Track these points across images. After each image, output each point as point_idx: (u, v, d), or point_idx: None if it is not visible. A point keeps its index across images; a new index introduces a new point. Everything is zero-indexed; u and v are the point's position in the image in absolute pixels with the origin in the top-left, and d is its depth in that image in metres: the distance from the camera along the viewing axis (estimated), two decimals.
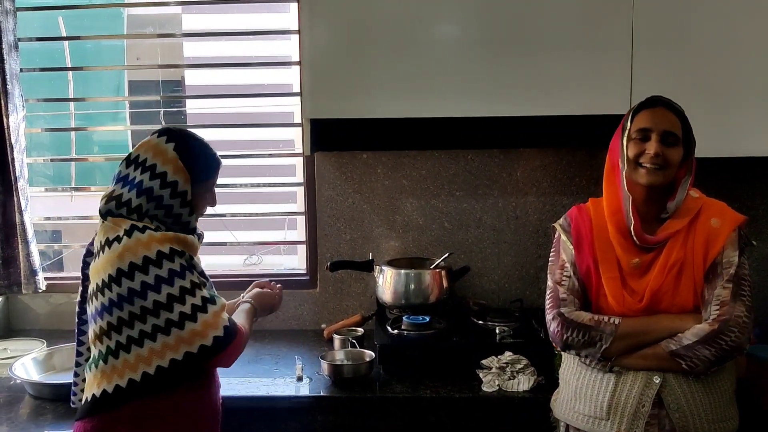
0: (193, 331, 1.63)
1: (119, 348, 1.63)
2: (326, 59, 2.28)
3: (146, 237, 1.65)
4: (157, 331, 1.62)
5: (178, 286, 1.64)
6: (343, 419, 2.10)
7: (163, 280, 1.63)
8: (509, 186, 2.70)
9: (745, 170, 2.62)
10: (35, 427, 1.92)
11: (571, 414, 1.82)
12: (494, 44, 2.25)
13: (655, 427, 1.70)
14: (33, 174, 2.86)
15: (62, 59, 3.57)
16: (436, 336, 2.32)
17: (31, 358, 2.30)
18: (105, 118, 4.82)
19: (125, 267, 1.62)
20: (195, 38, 5.86)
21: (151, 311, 1.62)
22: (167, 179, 1.71)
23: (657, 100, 1.81)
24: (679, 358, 1.67)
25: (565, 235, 1.88)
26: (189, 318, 1.63)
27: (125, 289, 1.61)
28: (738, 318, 1.66)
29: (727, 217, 1.77)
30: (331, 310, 2.78)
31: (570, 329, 1.76)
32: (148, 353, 1.62)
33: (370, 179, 2.72)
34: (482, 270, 2.73)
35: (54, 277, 2.88)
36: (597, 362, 1.75)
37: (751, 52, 2.21)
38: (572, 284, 1.83)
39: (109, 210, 1.71)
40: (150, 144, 1.75)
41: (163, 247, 1.65)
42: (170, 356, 1.62)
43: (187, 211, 1.75)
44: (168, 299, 1.62)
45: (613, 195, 1.83)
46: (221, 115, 4.89)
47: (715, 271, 1.72)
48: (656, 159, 1.73)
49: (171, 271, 1.64)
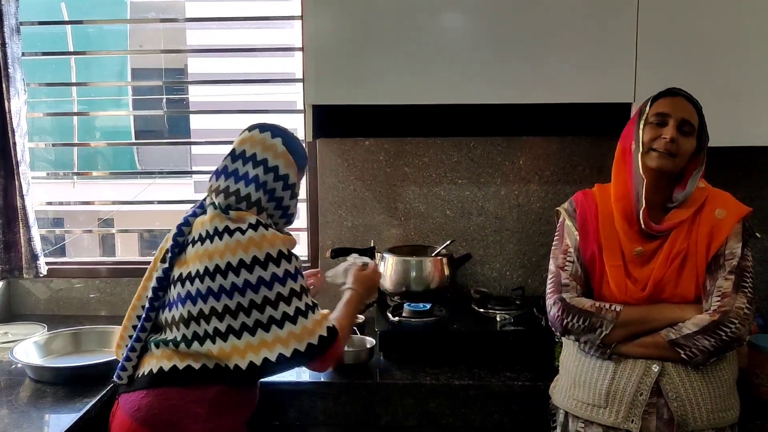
0: (290, 333, 1.68)
1: (216, 335, 1.68)
2: (329, 45, 2.27)
3: (270, 234, 1.73)
4: (259, 326, 1.67)
5: (289, 288, 1.70)
6: (343, 405, 2.10)
7: (278, 278, 1.69)
8: (512, 174, 2.70)
9: (750, 160, 2.61)
10: (35, 410, 1.92)
11: (570, 401, 1.82)
12: (498, 31, 2.24)
13: (653, 415, 1.69)
14: (35, 159, 2.85)
15: (65, 44, 3.56)
16: (437, 323, 2.32)
17: (32, 341, 2.30)
18: (107, 104, 4.81)
19: (248, 259, 1.67)
20: (198, 24, 5.85)
21: (258, 306, 1.67)
22: (279, 172, 1.79)
23: (677, 91, 1.81)
24: (679, 347, 1.67)
25: (570, 220, 1.87)
26: (290, 320, 1.68)
27: (242, 279, 1.67)
28: (739, 309, 1.66)
29: (731, 209, 1.77)
30: (332, 297, 2.75)
31: (571, 314, 1.76)
32: (244, 346, 1.67)
33: (372, 166, 2.72)
34: (484, 258, 2.73)
35: (55, 262, 2.88)
36: (596, 349, 1.75)
37: (757, 41, 2.19)
38: (575, 270, 1.82)
39: (228, 205, 1.77)
40: (256, 139, 1.81)
41: (284, 247, 1.73)
42: (264, 354, 1.67)
43: (294, 203, 1.86)
44: (276, 297, 1.68)
45: (621, 181, 1.82)
46: (223, 104, 4.89)
47: (718, 262, 1.72)
48: (671, 145, 1.72)
49: (286, 272, 1.70)
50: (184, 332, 1.71)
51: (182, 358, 1.71)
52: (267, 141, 1.80)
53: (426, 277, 2.46)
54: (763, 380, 1.95)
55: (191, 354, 1.71)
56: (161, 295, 1.81)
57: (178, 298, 1.74)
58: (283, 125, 1.91)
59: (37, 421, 1.88)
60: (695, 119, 1.77)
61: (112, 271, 2.85)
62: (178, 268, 1.78)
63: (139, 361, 1.80)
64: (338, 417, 2.11)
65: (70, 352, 2.33)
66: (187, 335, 1.70)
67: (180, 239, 1.80)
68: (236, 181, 1.78)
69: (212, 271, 1.69)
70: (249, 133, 1.84)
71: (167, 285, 1.80)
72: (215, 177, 1.82)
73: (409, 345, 2.24)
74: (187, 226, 1.81)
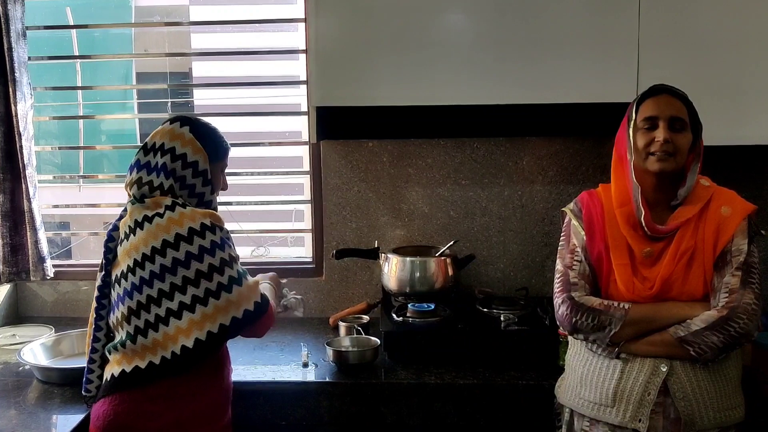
0: (228, 301, 1.69)
1: (158, 321, 1.68)
2: (332, 47, 2.28)
3: (189, 210, 1.73)
4: (197, 301, 1.67)
5: (219, 258, 1.70)
6: (348, 405, 2.11)
7: (206, 250, 1.70)
8: (515, 174, 2.70)
9: (754, 159, 2.61)
10: (43, 411, 1.94)
11: (576, 400, 1.82)
12: (500, 32, 2.25)
13: (660, 415, 1.69)
14: (41, 163, 2.87)
15: (70, 49, 3.58)
16: (441, 323, 2.33)
17: (39, 343, 2.31)
18: (113, 108, 4.84)
19: (171, 238, 1.69)
20: (202, 28, 5.88)
21: (193, 281, 1.67)
22: (188, 160, 1.79)
23: (660, 88, 1.80)
24: (687, 344, 1.67)
25: (576, 219, 1.88)
26: (225, 289, 1.69)
27: (170, 259, 1.68)
28: (747, 305, 1.66)
29: (737, 206, 1.77)
30: (336, 298, 2.79)
31: (580, 313, 1.76)
32: (188, 324, 1.67)
33: (376, 168, 2.73)
34: (488, 258, 2.74)
35: (62, 265, 2.90)
36: (605, 347, 1.75)
37: (758, 40, 2.20)
38: (583, 269, 1.83)
39: (143, 194, 1.77)
40: (165, 130, 1.81)
41: (205, 219, 1.73)
42: (207, 327, 1.67)
43: (208, 189, 1.84)
44: (209, 269, 1.69)
45: (621, 187, 1.83)
46: (228, 107, 4.91)
47: (725, 259, 1.72)
48: (666, 146, 1.73)
49: (213, 242, 1.71)
50: (127, 329, 1.71)
51: (130, 360, 1.70)
52: (175, 130, 1.80)
53: (430, 277, 2.47)
54: (767, 378, 1.95)
55: (138, 352, 1.69)
56: (105, 302, 1.82)
57: (117, 298, 1.75)
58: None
59: (45, 421, 1.89)
60: (684, 112, 1.77)
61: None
62: (114, 272, 1.79)
63: (102, 371, 1.81)
64: (343, 417, 2.12)
65: (77, 353, 2.34)
66: (131, 331, 1.70)
67: (111, 245, 1.81)
68: (148, 172, 1.78)
69: (141, 261, 1.69)
70: (160, 127, 1.84)
71: (108, 291, 1.81)
72: (129, 171, 1.82)
73: (413, 345, 2.25)
74: (115, 231, 1.82)
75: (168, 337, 1.67)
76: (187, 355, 1.67)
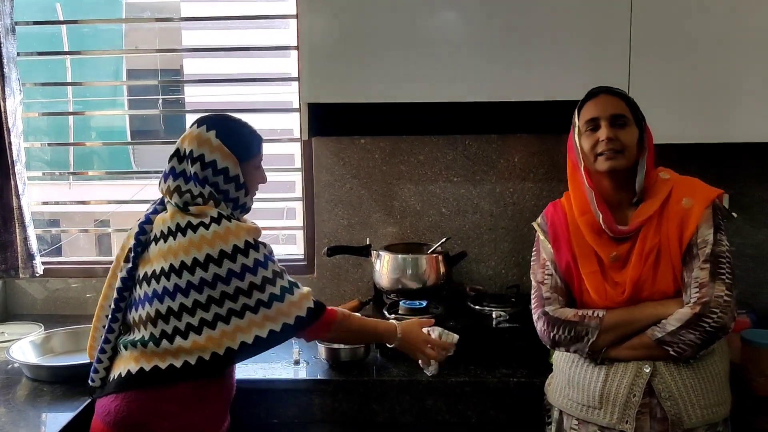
0: (265, 316, 1.69)
1: (188, 330, 1.67)
2: (324, 43, 2.28)
3: (234, 226, 1.71)
4: (233, 314, 1.67)
5: (261, 276, 1.69)
6: (341, 402, 2.11)
7: (248, 269, 1.68)
8: (507, 172, 2.71)
9: (738, 157, 2.62)
10: (32, 409, 1.93)
11: (564, 401, 1.83)
12: (492, 29, 2.25)
13: (647, 415, 1.70)
14: (31, 159, 2.85)
15: (60, 44, 3.56)
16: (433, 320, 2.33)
17: (28, 341, 2.30)
18: (103, 105, 4.81)
19: (215, 254, 1.66)
20: (193, 25, 5.85)
21: (231, 296, 1.67)
22: (218, 167, 1.75)
23: (598, 90, 1.81)
24: (666, 345, 1.67)
25: (543, 234, 1.89)
26: (264, 305, 1.69)
27: (211, 274, 1.66)
28: (718, 298, 1.64)
29: (698, 195, 1.74)
30: (328, 295, 2.78)
31: (556, 327, 1.77)
32: (219, 334, 1.67)
33: (368, 165, 2.72)
34: (479, 256, 2.74)
35: (51, 262, 2.89)
36: (586, 356, 1.76)
37: (748, 39, 2.20)
38: (554, 282, 1.83)
39: (186, 202, 1.75)
40: (192, 135, 1.78)
41: (249, 236, 1.71)
42: (240, 338, 1.68)
43: (242, 193, 1.80)
44: (249, 287, 1.68)
45: (579, 195, 1.82)
46: (220, 104, 4.89)
47: (692, 252, 1.70)
48: (612, 143, 1.72)
49: (256, 261, 1.70)
50: (152, 331, 1.69)
51: (149, 359, 1.69)
52: (202, 136, 1.76)
53: (422, 274, 2.47)
54: (755, 375, 1.96)
55: (159, 353, 1.68)
56: (126, 295, 1.79)
57: (144, 297, 1.72)
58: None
59: (35, 419, 1.88)
60: (625, 109, 1.76)
61: (108, 271, 2.85)
62: (142, 267, 1.76)
63: (111, 363, 1.79)
64: (335, 414, 2.12)
65: (67, 351, 2.33)
66: (155, 334, 1.68)
67: (143, 238, 1.78)
68: (185, 180, 1.75)
69: (178, 268, 1.67)
70: (188, 130, 1.81)
71: (132, 285, 1.78)
72: (164, 179, 1.79)
73: None
74: (149, 224, 1.79)
75: (197, 345, 1.67)
76: (217, 361, 1.67)
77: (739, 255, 2.64)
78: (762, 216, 2.62)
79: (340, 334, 1.87)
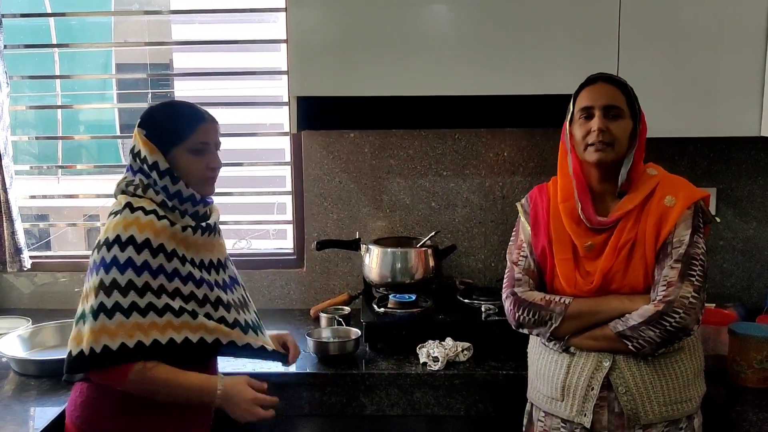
0: (76, 333, 1.58)
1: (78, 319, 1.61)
2: (313, 36, 2.27)
3: (122, 219, 1.61)
4: (83, 316, 1.58)
5: (92, 281, 1.57)
6: (329, 396, 2.11)
7: (92, 268, 1.60)
8: (496, 166, 2.71)
9: (728, 151, 2.63)
10: (19, 403, 1.92)
11: (534, 393, 1.85)
12: (482, 23, 2.25)
13: (605, 409, 1.70)
14: (18, 153, 2.83)
15: (48, 38, 3.54)
16: (422, 314, 2.33)
17: (16, 335, 2.29)
18: (92, 99, 4.78)
19: (100, 241, 1.61)
20: (183, 20, 5.82)
21: (86, 295, 1.59)
22: (141, 155, 1.68)
23: (597, 77, 1.79)
24: (626, 339, 1.66)
25: (524, 215, 1.88)
26: (79, 319, 1.59)
27: (90, 261, 1.62)
28: (683, 299, 1.63)
29: (682, 195, 1.72)
30: (318, 290, 2.78)
31: (522, 308, 1.77)
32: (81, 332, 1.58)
33: (358, 159, 2.72)
34: (469, 249, 2.74)
35: (39, 256, 2.87)
36: (548, 341, 1.76)
37: (735, 33, 2.21)
38: (528, 264, 1.83)
39: (122, 191, 1.70)
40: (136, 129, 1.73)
41: (125, 233, 1.58)
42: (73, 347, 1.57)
43: (169, 181, 1.67)
44: (86, 291, 1.59)
45: (565, 181, 1.81)
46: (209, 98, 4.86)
47: (666, 250, 1.69)
48: (603, 135, 1.70)
49: (102, 260, 1.57)
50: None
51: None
52: (136, 128, 1.71)
53: (411, 268, 2.47)
54: (743, 367, 1.97)
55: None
56: None
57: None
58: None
59: (22, 413, 1.88)
60: (620, 100, 1.74)
61: None
62: None
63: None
64: (324, 407, 2.12)
65: (55, 345, 2.32)
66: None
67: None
68: (128, 171, 1.72)
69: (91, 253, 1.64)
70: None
71: None
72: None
73: (394, 336, 2.25)
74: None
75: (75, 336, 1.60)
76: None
77: (729, 249, 2.66)
78: (751, 210, 2.64)
79: (138, 389, 1.61)
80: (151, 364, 1.58)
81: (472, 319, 2.30)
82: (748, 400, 1.91)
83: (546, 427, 1.80)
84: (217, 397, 1.65)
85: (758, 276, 2.67)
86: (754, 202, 2.63)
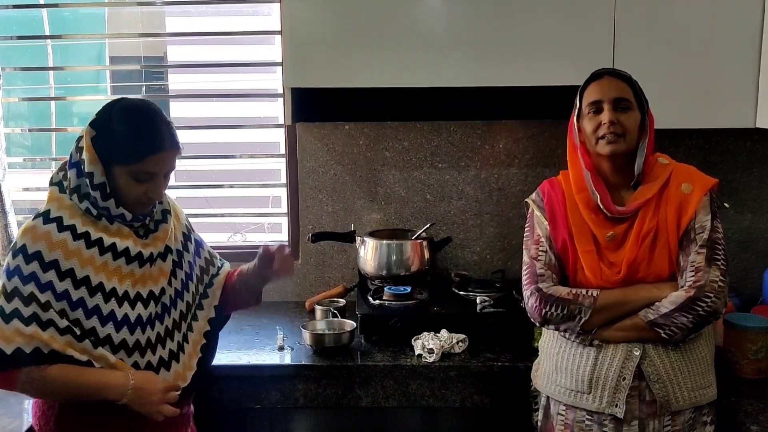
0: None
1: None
2: (307, 28, 2.26)
3: (30, 226, 1.56)
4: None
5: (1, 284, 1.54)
6: (324, 388, 2.11)
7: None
8: (492, 158, 2.70)
9: (725, 143, 2.63)
10: (13, 396, 1.89)
11: (552, 387, 1.83)
12: (476, 15, 2.24)
13: (636, 398, 1.71)
14: (11, 145, 2.81)
15: (41, 29, 3.51)
16: (417, 306, 2.33)
17: None
18: (85, 91, 4.75)
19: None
20: (177, 12, 5.77)
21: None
22: (84, 163, 1.59)
23: (602, 72, 1.81)
24: (658, 327, 1.68)
25: (539, 210, 1.88)
26: None
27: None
28: (713, 283, 1.67)
29: (697, 182, 1.77)
30: (312, 282, 2.77)
31: (549, 304, 1.76)
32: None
33: (352, 151, 2.71)
34: (464, 241, 2.74)
35: None
36: (577, 336, 1.76)
37: (730, 26, 2.21)
38: (549, 259, 1.83)
39: (54, 183, 1.64)
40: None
41: (24, 241, 1.54)
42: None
43: (111, 202, 1.59)
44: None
45: (577, 173, 1.83)
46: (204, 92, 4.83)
47: (689, 237, 1.73)
48: (614, 127, 1.73)
49: (7, 266, 1.54)
50: None
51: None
52: (88, 123, 1.63)
53: (406, 260, 2.47)
54: (738, 358, 1.98)
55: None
56: None
57: None
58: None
59: (16, 405, 1.89)
60: (628, 92, 1.77)
61: None
62: None
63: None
64: (319, 399, 2.12)
65: None
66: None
67: None
68: (70, 168, 1.63)
69: None
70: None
71: None
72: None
73: (389, 328, 2.25)
74: None
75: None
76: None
77: (725, 240, 2.65)
78: (747, 201, 2.64)
79: (32, 391, 1.59)
80: (45, 366, 1.52)
81: (468, 311, 2.30)
82: (743, 390, 1.91)
83: (568, 420, 1.79)
84: (129, 389, 1.56)
85: (753, 267, 2.67)
86: (750, 193, 2.63)
